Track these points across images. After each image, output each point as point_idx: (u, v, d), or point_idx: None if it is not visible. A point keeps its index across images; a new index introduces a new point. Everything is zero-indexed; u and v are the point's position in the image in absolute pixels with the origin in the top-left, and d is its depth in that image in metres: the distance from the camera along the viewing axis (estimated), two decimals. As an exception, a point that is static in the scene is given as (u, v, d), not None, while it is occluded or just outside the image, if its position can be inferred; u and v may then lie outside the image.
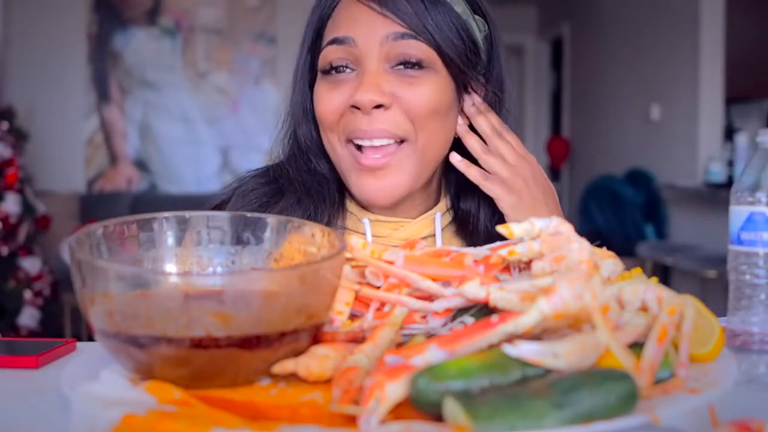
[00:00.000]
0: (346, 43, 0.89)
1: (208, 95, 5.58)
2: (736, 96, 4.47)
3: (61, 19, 5.39)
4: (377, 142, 0.89)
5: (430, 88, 0.89)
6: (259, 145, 5.47)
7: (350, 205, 0.97)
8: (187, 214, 0.74)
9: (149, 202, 5.11)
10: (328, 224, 0.94)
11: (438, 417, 0.51)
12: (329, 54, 0.90)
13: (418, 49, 0.88)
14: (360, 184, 0.90)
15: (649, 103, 5.12)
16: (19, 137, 3.98)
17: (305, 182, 0.95)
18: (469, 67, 0.92)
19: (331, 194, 0.96)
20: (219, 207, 1.00)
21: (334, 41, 0.90)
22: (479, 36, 0.94)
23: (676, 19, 4.78)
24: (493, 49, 0.96)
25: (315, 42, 0.95)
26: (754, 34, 4.39)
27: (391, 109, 0.88)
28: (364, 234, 0.94)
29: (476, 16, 0.94)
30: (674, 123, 4.77)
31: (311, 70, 0.96)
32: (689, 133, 4.60)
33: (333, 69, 0.90)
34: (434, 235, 0.96)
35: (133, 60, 5.53)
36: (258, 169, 1.04)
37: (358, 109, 0.88)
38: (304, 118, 0.97)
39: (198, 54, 5.58)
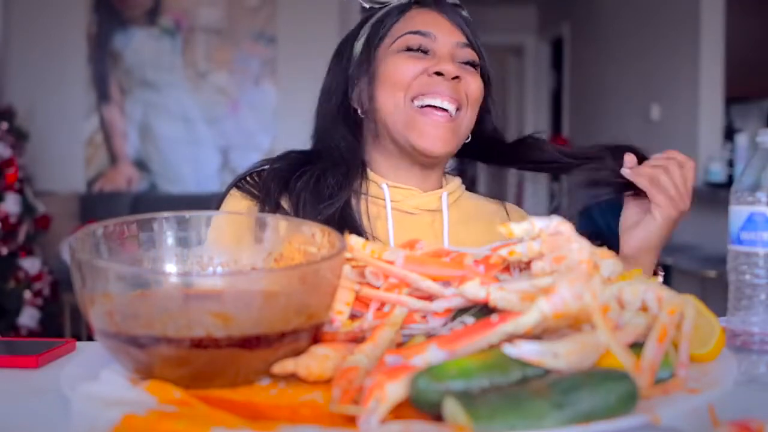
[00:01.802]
0: (427, 36, 1.09)
1: (208, 95, 5.57)
2: (736, 96, 4.46)
3: (61, 19, 5.38)
4: (447, 105, 1.07)
5: (481, 82, 1.12)
6: (259, 145, 5.46)
7: (371, 174, 1.12)
8: (187, 214, 0.74)
9: (149, 202, 5.11)
10: (355, 188, 1.09)
11: (438, 417, 0.51)
12: (411, 40, 1.09)
13: (473, 57, 1.12)
14: (424, 135, 1.07)
15: (649, 103, 5.12)
16: (19, 137, 3.98)
17: (341, 148, 1.11)
18: (490, 80, 1.15)
19: (359, 160, 1.12)
20: (256, 173, 1.11)
21: (416, 32, 1.09)
22: None
23: (676, 19, 4.78)
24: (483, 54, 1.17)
25: (380, 36, 1.11)
26: (754, 34, 4.39)
27: (460, 83, 1.08)
28: (383, 199, 1.10)
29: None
30: (674, 123, 4.77)
31: (368, 59, 1.11)
32: (689, 133, 4.60)
33: (418, 49, 1.08)
34: (440, 210, 1.12)
35: (133, 60, 5.52)
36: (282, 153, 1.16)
37: (440, 75, 1.06)
38: (354, 87, 1.11)
39: (198, 54, 5.58)
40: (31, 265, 3.79)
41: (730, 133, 4.50)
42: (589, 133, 6.44)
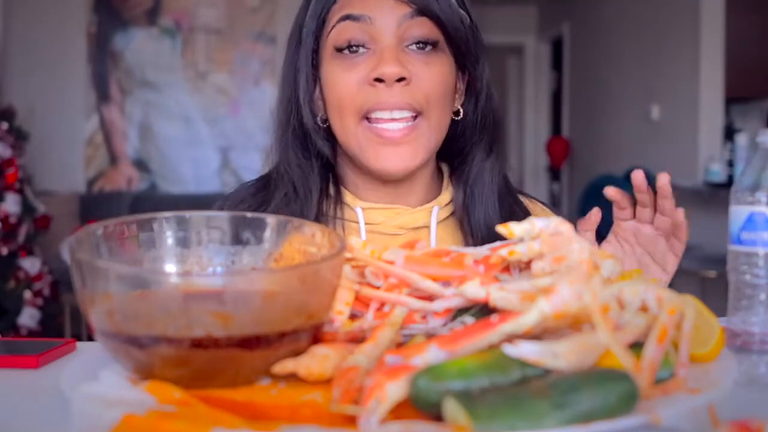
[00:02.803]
0: (362, 21, 0.91)
1: (208, 95, 5.57)
2: (736, 96, 4.46)
3: (61, 19, 5.39)
4: (397, 114, 0.91)
5: (443, 67, 0.93)
6: (259, 145, 5.43)
7: (346, 195, 0.99)
8: (187, 214, 0.74)
9: (149, 202, 5.11)
10: (318, 218, 0.95)
11: (438, 417, 0.51)
12: (345, 31, 0.92)
13: (430, 29, 0.92)
14: (379, 155, 0.92)
15: (649, 103, 5.12)
16: (19, 137, 3.98)
17: (295, 176, 0.96)
18: (468, 50, 0.96)
19: (320, 184, 0.97)
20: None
21: (348, 17, 0.91)
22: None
23: (676, 19, 4.78)
24: (476, 34, 0.98)
25: (318, 29, 0.95)
26: (754, 34, 4.39)
27: (410, 84, 0.90)
28: (357, 221, 0.97)
29: (461, 10, 0.96)
30: (674, 123, 4.77)
31: (313, 59, 0.96)
32: (689, 133, 4.60)
33: (348, 48, 0.92)
34: (428, 226, 0.98)
35: (133, 60, 5.53)
36: (255, 179, 1.05)
37: (381, 82, 0.90)
38: (306, 102, 0.96)
39: (198, 54, 5.58)
40: (31, 265, 3.79)
41: (730, 133, 4.50)
42: (589, 133, 6.45)
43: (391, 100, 0.90)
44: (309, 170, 0.97)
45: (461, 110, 0.99)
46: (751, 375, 0.70)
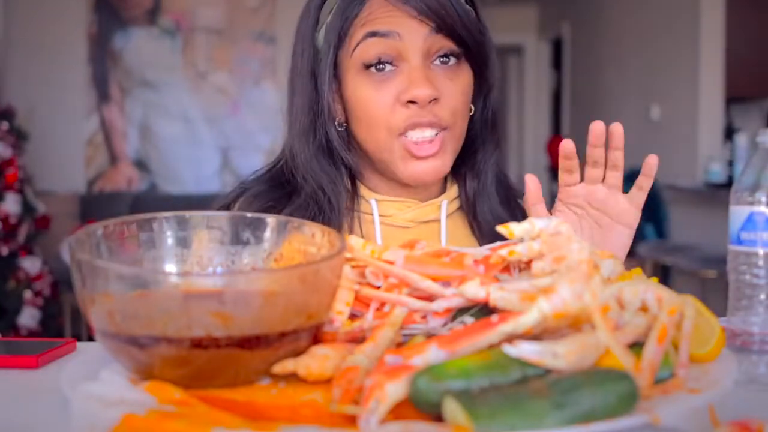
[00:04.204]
0: (390, 37, 0.92)
1: (208, 95, 5.57)
2: (736, 96, 4.47)
3: (61, 19, 5.39)
4: (427, 133, 0.94)
5: (465, 79, 0.97)
6: (259, 145, 5.47)
7: (362, 189, 1.02)
8: (187, 214, 0.74)
9: (149, 202, 5.11)
10: (338, 222, 0.97)
11: (438, 417, 0.51)
12: (371, 47, 0.93)
13: (452, 44, 0.94)
14: (411, 167, 0.96)
15: (649, 103, 5.12)
16: (19, 137, 3.98)
17: (323, 184, 0.99)
18: (486, 56, 0.99)
19: (344, 188, 1.00)
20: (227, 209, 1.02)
21: (375, 34, 0.93)
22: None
23: (676, 20, 4.78)
24: (485, 31, 1.00)
25: (340, 42, 0.96)
26: (754, 34, 4.39)
27: (439, 102, 0.94)
28: (372, 213, 1.00)
29: (467, 5, 0.98)
30: (674, 123, 4.77)
31: (334, 69, 0.97)
32: (689, 133, 4.60)
33: (377, 64, 0.93)
34: (439, 220, 1.01)
35: (133, 60, 5.53)
36: (261, 169, 1.06)
37: (414, 103, 0.92)
38: (330, 118, 0.98)
39: (198, 54, 5.58)
40: (31, 265, 3.80)
41: (730, 133, 4.50)
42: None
43: (423, 120, 0.93)
44: (336, 177, 0.99)
45: (473, 107, 1.02)
46: (751, 375, 0.70)
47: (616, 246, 0.94)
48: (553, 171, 7.74)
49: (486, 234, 1.01)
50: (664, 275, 4.35)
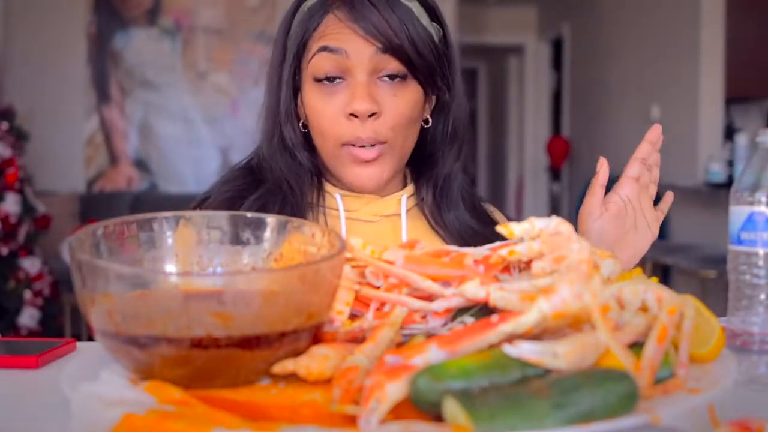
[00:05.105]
0: (338, 53, 0.98)
1: (208, 95, 5.57)
2: (736, 96, 4.47)
3: (61, 19, 5.39)
4: (367, 148, 1.00)
5: (410, 97, 1.01)
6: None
7: (326, 184, 1.08)
8: (187, 214, 0.74)
9: (149, 202, 5.11)
10: (301, 207, 1.03)
11: (438, 417, 0.51)
12: (323, 62, 0.99)
13: (398, 64, 0.99)
14: (354, 174, 1.02)
15: (649, 103, 5.12)
16: (19, 137, 3.98)
17: (286, 176, 1.05)
18: (435, 76, 1.03)
19: (309, 180, 1.06)
20: (204, 201, 1.08)
21: (326, 48, 0.99)
22: (437, 41, 1.03)
23: (676, 20, 4.78)
24: (448, 50, 1.05)
25: (300, 52, 1.03)
26: (754, 34, 4.39)
27: (380, 117, 0.99)
28: (337, 209, 1.06)
29: (433, 23, 1.03)
30: (674, 123, 4.77)
31: (294, 76, 1.04)
32: (689, 133, 4.60)
33: (327, 78, 0.99)
34: (399, 214, 1.07)
35: (133, 60, 5.52)
36: (240, 162, 1.14)
37: (355, 117, 0.98)
38: (288, 119, 1.05)
39: (198, 54, 5.58)
40: (31, 265, 3.80)
41: (730, 133, 4.50)
42: (589, 133, 6.45)
43: (363, 135, 0.98)
44: (300, 172, 1.06)
45: (430, 119, 1.07)
46: (751, 375, 0.70)
47: (638, 249, 1.03)
48: (553, 171, 7.75)
49: (454, 235, 1.07)
50: (664, 275, 4.36)
